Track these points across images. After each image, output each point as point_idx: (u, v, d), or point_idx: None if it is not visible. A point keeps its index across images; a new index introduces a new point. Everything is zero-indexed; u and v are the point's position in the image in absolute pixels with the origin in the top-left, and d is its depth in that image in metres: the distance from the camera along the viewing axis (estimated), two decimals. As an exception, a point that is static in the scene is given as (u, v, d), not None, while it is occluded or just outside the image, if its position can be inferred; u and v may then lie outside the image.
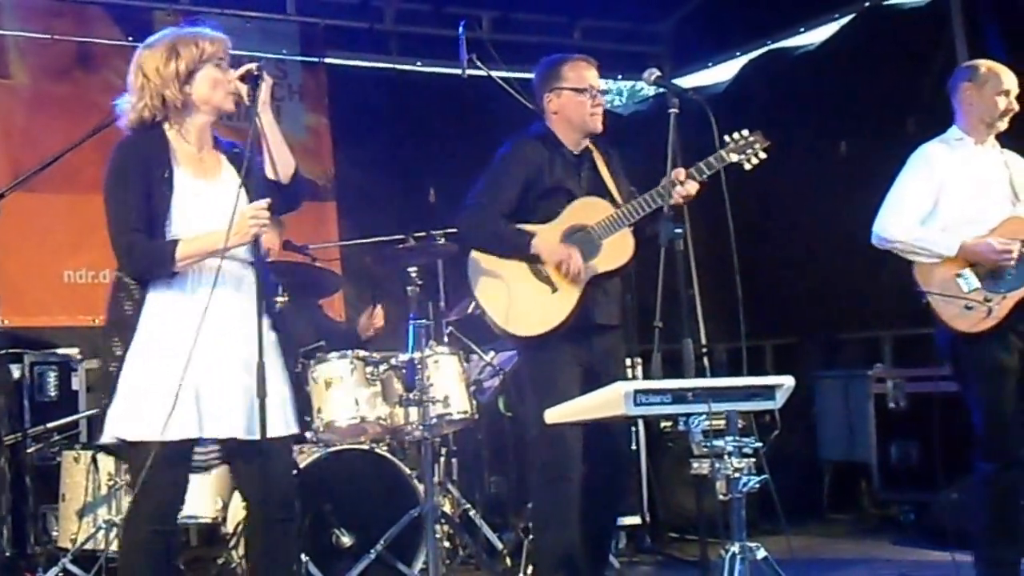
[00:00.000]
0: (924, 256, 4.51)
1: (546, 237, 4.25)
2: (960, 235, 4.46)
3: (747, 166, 4.15)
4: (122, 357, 3.35)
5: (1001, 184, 4.55)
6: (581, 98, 4.35)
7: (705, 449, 3.25)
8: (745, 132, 4.17)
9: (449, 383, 5.09)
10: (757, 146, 4.16)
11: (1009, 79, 4.58)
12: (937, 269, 4.48)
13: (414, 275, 5.00)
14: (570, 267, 4.19)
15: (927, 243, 4.50)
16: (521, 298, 4.25)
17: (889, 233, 4.56)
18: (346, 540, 4.91)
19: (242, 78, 3.43)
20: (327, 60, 7.80)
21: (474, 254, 4.34)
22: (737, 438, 3.23)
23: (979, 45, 6.64)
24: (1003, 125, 4.59)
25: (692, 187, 4.11)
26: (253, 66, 3.44)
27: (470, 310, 5.24)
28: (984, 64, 4.66)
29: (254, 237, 3.34)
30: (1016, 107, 4.56)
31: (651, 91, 9.20)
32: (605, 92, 4.47)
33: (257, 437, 3.29)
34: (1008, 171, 4.57)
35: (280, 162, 3.50)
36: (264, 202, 3.35)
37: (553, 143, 4.39)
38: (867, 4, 7.51)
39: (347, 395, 4.98)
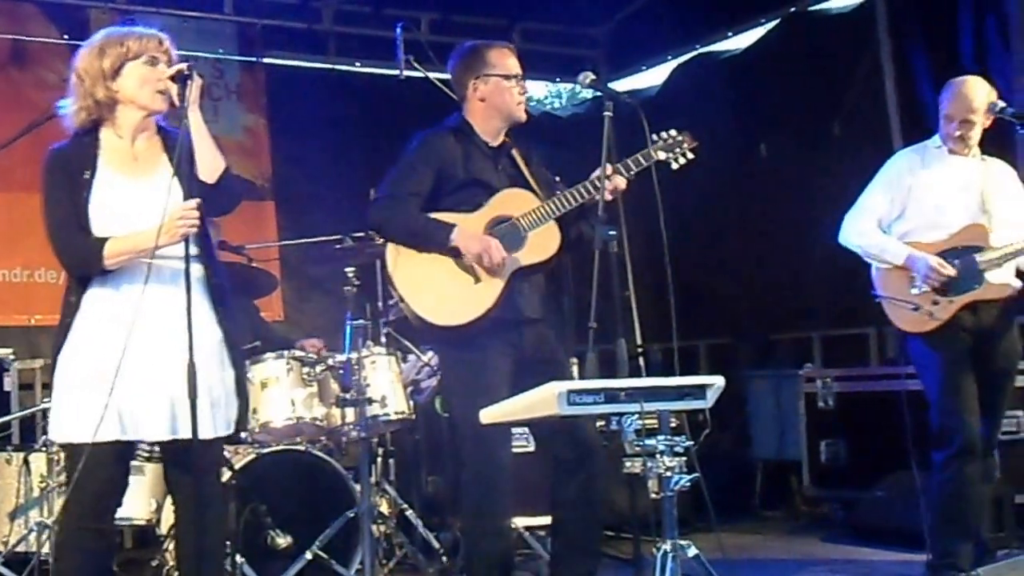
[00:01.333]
0: (875, 261, 4.70)
1: (466, 229, 4.12)
2: (919, 240, 4.62)
3: (674, 165, 4.16)
4: (56, 358, 3.38)
5: (971, 192, 4.66)
6: (509, 84, 4.27)
7: (637, 448, 3.29)
8: (673, 131, 4.19)
9: (386, 383, 5.11)
10: (684, 145, 4.18)
11: (953, 105, 4.63)
12: (893, 272, 4.67)
13: (351, 275, 5.01)
14: (491, 259, 4.08)
15: (878, 250, 4.69)
16: (443, 288, 4.12)
17: (846, 237, 4.77)
18: (281, 541, 4.87)
19: (172, 78, 3.42)
20: (265, 60, 7.79)
21: (393, 245, 4.18)
22: (669, 437, 3.28)
23: (904, 52, 6.79)
24: (952, 145, 4.66)
25: (620, 181, 4.09)
26: (183, 66, 3.43)
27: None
28: (953, 82, 4.72)
29: (183, 237, 3.31)
30: (954, 134, 4.63)
31: (588, 94, 9.31)
32: (522, 77, 4.35)
33: (187, 437, 3.29)
34: (982, 180, 4.67)
35: (208, 163, 3.45)
36: (193, 202, 3.34)
37: (468, 135, 4.27)
38: (793, 10, 7.61)
39: (283, 396, 4.99)
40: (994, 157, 4.80)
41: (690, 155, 4.20)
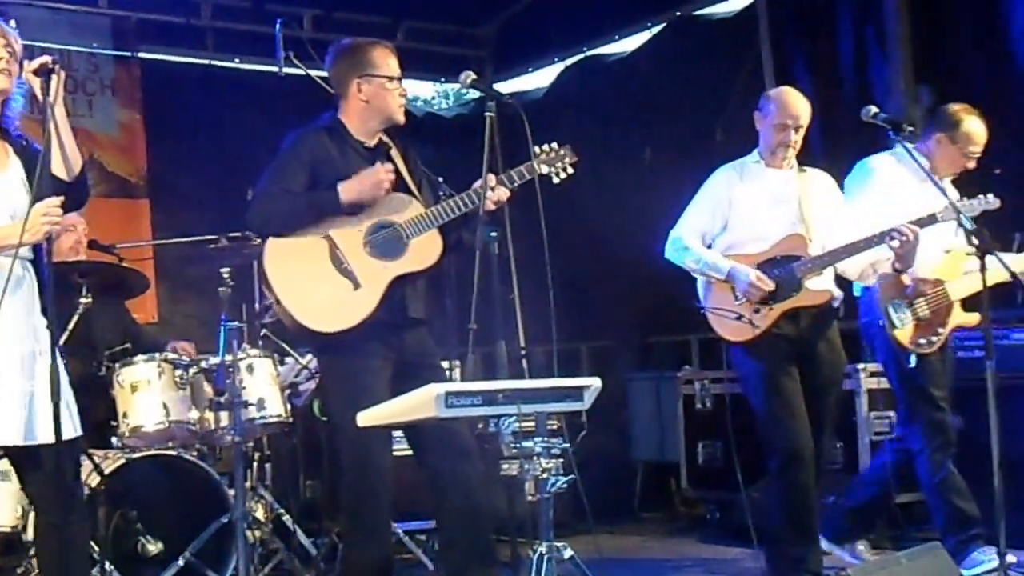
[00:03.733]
0: (699, 275, 4.81)
1: (349, 182, 4.04)
2: (742, 252, 4.73)
3: (555, 180, 4.18)
4: None
5: (789, 204, 4.76)
6: (392, 87, 4.21)
7: (515, 450, 3.29)
8: (555, 145, 4.20)
9: (262, 386, 5.01)
10: (566, 160, 4.20)
11: (787, 112, 4.73)
12: (716, 283, 4.77)
13: (227, 276, 4.91)
14: (380, 186, 4.04)
15: (701, 264, 4.79)
16: (321, 293, 4.05)
17: (670, 252, 4.88)
18: (152, 548, 4.76)
19: (36, 72, 3.35)
20: (141, 55, 7.60)
21: (270, 247, 4.08)
22: (546, 439, 3.28)
23: (785, 58, 6.92)
24: (783, 154, 4.76)
25: (502, 193, 4.08)
26: (48, 59, 3.37)
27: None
28: (772, 94, 4.86)
29: (46, 235, 3.29)
30: (791, 140, 4.72)
31: (475, 95, 9.30)
32: (401, 77, 4.30)
33: (37, 442, 3.31)
34: (800, 191, 4.77)
35: (68, 160, 3.44)
36: (56, 200, 3.32)
37: (343, 135, 4.21)
38: (678, 14, 7.70)
39: (154, 399, 4.85)
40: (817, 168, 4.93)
41: (571, 170, 4.22)
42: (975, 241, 4.15)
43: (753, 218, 4.77)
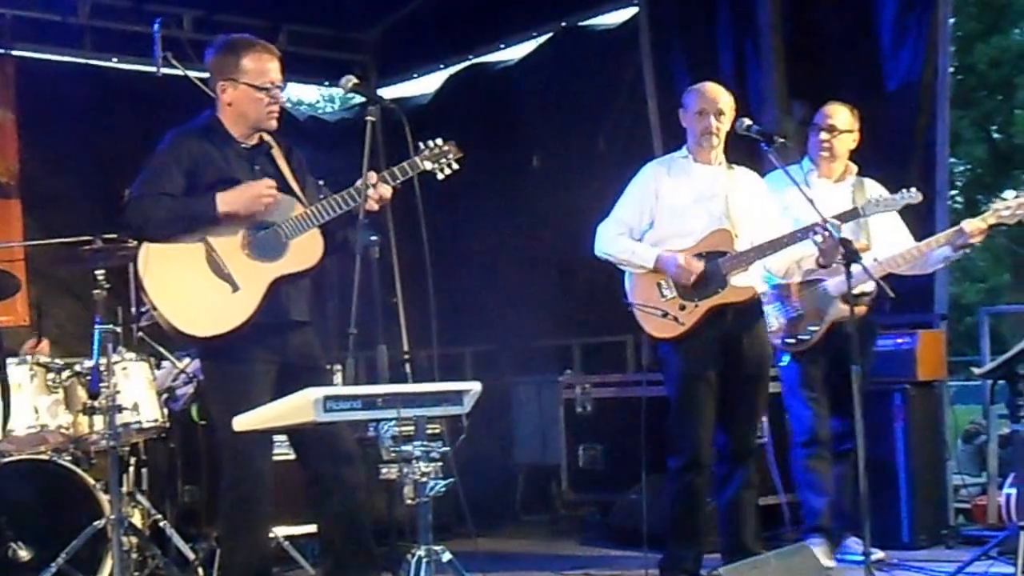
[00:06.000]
0: (628, 267, 4.81)
1: (229, 191, 3.98)
2: (668, 247, 4.74)
3: (439, 175, 4.14)
4: None
5: (716, 201, 4.78)
6: (259, 95, 4.10)
7: (394, 454, 3.30)
8: (439, 141, 4.17)
9: (138, 390, 4.96)
10: (450, 156, 4.15)
11: (704, 98, 4.77)
12: (643, 278, 4.78)
13: (101, 278, 4.82)
14: (263, 201, 4.00)
15: (628, 255, 4.79)
16: (199, 297, 3.99)
17: (598, 247, 4.86)
18: (23, 554, 4.67)
19: None
20: (14, 52, 7.40)
21: (145, 251, 4.02)
22: (425, 443, 3.30)
23: (667, 69, 7.05)
24: (708, 143, 4.77)
25: (385, 191, 4.05)
26: None
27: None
28: (693, 87, 4.89)
29: None
30: (711, 127, 4.73)
31: (360, 99, 9.26)
32: (280, 83, 4.18)
33: None
34: (727, 187, 4.80)
35: None
36: None
37: (221, 134, 4.14)
38: (563, 24, 7.80)
39: (26, 403, 4.77)
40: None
41: (455, 165, 4.18)
42: (842, 250, 4.31)
43: (679, 213, 4.77)
